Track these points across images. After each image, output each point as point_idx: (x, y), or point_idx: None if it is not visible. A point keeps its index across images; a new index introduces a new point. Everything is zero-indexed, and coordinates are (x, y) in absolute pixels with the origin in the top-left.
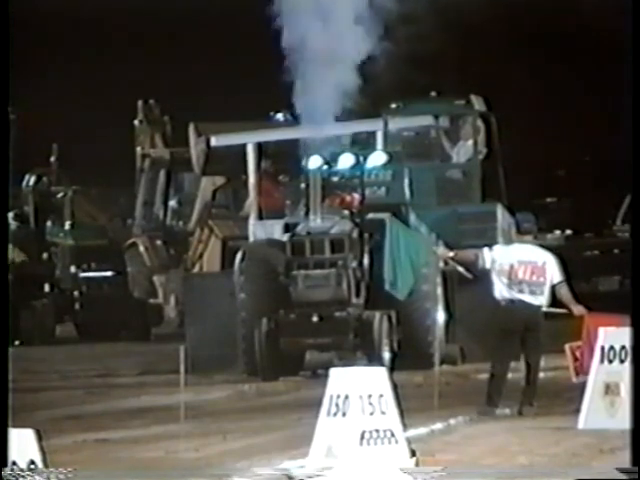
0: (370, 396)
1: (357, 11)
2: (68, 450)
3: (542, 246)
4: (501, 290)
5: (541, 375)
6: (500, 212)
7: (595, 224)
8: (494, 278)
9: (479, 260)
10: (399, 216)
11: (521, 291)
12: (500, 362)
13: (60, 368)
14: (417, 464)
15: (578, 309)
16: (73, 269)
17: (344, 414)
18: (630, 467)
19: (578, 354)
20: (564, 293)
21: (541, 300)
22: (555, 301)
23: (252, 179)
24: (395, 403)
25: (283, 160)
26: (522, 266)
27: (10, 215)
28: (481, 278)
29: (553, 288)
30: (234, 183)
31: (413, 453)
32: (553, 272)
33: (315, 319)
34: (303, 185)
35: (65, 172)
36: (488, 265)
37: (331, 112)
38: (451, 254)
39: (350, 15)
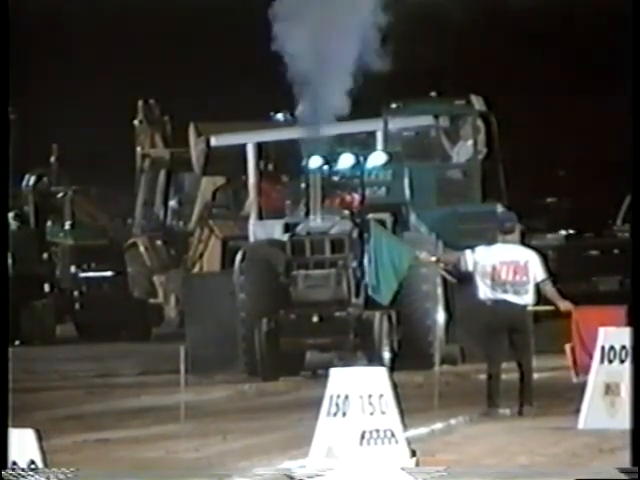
0: (370, 396)
1: (357, 11)
2: (68, 450)
3: (528, 245)
4: (485, 291)
5: (541, 375)
6: (500, 212)
7: (595, 224)
8: (478, 280)
9: (462, 263)
10: (399, 216)
11: (505, 291)
12: (493, 363)
13: (60, 368)
14: (417, 464)
15: (564, 305)
16: (73, 269)
17: (344, 414)
18: (630, 467)
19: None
20: (549, 290)
21: (526, 299)
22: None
23: (252, 179)
24: (395, 403)
25: (283, 160)
26: (504, 266)
27: (10, 215)
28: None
29: (538, 286)
30: (234, 183)
31: (413, 453)
32: (536, 270)
33: (315, 319)
34: (303, 185)
35: (65, 172)
36: (471, 267)
37: (331, 112)
38: (433, 258)
39: (350, 14)
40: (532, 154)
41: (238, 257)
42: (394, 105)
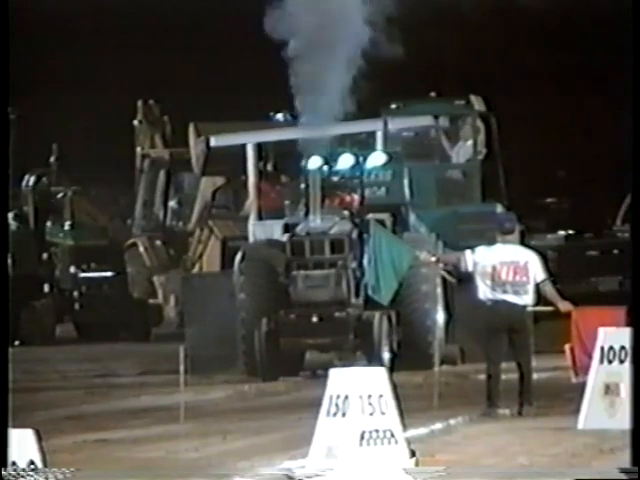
0: (370, 396)
1: (358, 10)
2: (68, 450)
3: (528, 246)
4: (485, 292)
5: (541, 375)
6: (500, 212)
7: (595, 224)
8: (477, 280)
9: (461, 263)
10: (399, 216)
11: (505, 292)
12: (492, 363)
13: (60, 368)
14: (417, 464)
15: (564, 305)
16: (73, 269)
17: (344, 414)
18: (630, 467)
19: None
20: (548, 290)
21: (526, 300)
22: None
23: (252, 179)
24: (395, 403)
25: (283, 160)
26: (504, 267)
27: (10, 215)
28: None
29: (538, 287)
30: (234, 183)
31: (413, 453)
32: (536, 271)
33: (315, 319)
34: (303, 185)
35: (65, 172)
36: (471, 268)
37: (331, 112)
38: (433, 259)
39: (351, 14)
40: (532, 154)
41: (238, 257)
42: (394, 105)
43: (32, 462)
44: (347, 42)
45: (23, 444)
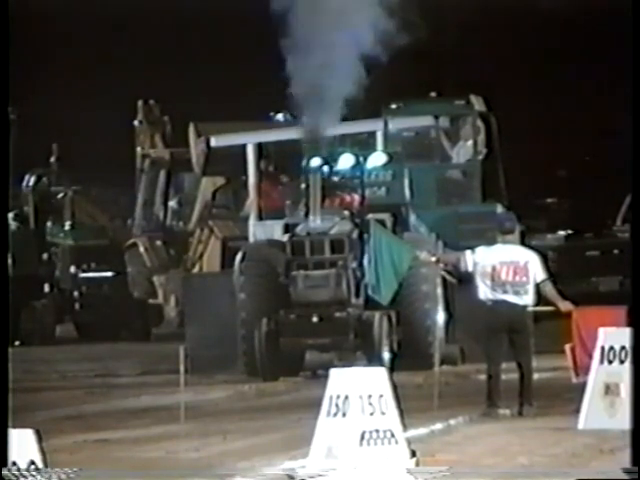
0: (370, 396)
1: (359, 10)
2: (68, 450)
3: (528, 245)
4: (485, 292)
5: (541, 375)
6: (500, 212)
7: (595, 224)
8: (478, 280)
9: (461, 263)
10: (399, 216)
11: (505, 292)
12: (493, 363)
13: (60, 368)
14: (417, 464)
15: (565, 305)
16: (73, 269)
17: (344, 414)
18: (630, 467)
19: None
20: (549, 290)
21: (526, 300)
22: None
23: (252, 179)
24: (395, 403)
25: (283, 160)
26: (504, 267)
27: (10, 215)
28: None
29: (538, 287)
30: (234, 183)
31: (413, 453)
32: (536, 271)
33: (315, 319)
34: (303, 185)
35: (65, 172)
36: (470, 268)
37: (332, 113)
38: (434, 258)
39: (353, 14)
40: (532, 154)
41: (238, 257)
42: (394, 105)
43: (32, 462)
44: (348, 41)
45: (23, 444)
